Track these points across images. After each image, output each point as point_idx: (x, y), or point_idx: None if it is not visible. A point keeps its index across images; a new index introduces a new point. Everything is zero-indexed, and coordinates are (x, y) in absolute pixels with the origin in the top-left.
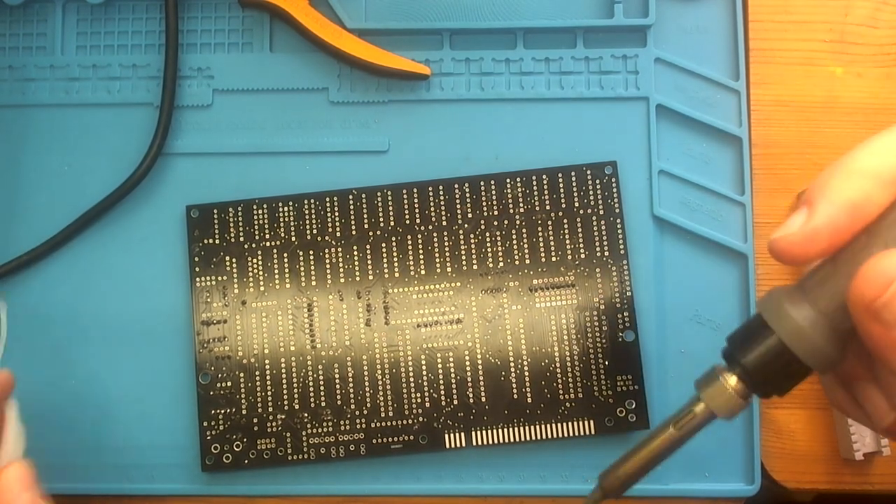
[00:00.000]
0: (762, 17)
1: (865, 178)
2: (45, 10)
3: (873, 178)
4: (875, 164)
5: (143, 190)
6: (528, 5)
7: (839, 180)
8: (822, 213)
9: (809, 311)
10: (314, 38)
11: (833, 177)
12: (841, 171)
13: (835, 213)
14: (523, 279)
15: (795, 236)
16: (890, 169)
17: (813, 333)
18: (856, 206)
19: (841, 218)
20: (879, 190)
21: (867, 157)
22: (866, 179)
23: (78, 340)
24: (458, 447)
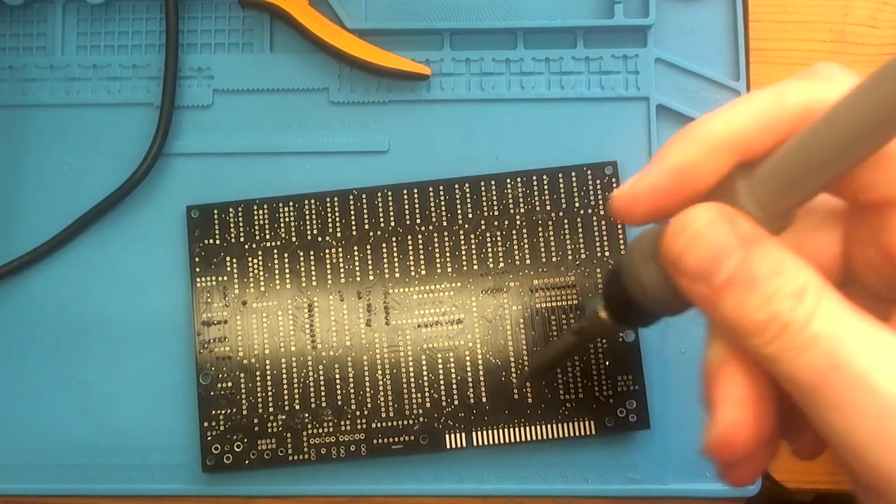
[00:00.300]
0: (762, 17)
1: (696, 144)
2: (45, 10)
3: (704, 144)
4: (709, 131)
5: (143, 190)
6: (528, 5)
7: (674, 145)
8: (648, 175)
9: (653, 270)
10: (314, 38)
11: (670, 143)
12: (678, 136)
13: (659, 175)
14: (524, 279)
15: (623, 196)
16: (724, 136)
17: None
18: (680, 170)
19: (663, 181)
20: (708, 156)
21: (704, 125)
22: (696, 145)
23: (78, 340)
24: (459, 447)
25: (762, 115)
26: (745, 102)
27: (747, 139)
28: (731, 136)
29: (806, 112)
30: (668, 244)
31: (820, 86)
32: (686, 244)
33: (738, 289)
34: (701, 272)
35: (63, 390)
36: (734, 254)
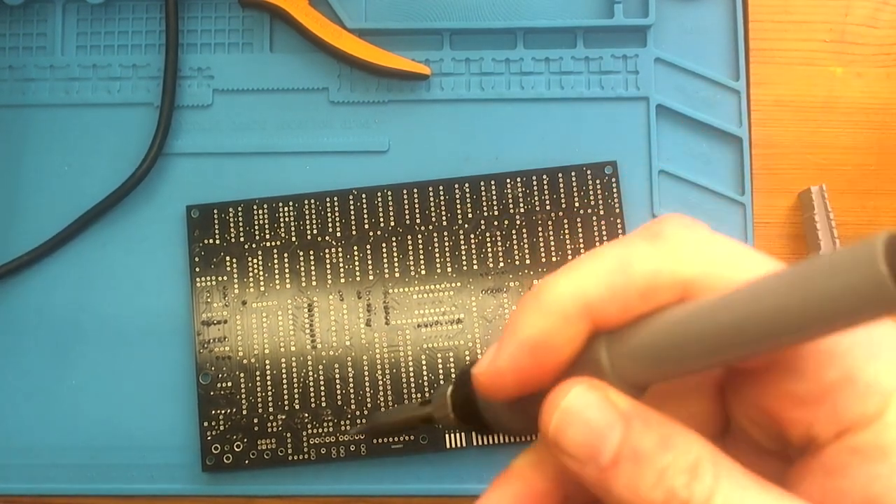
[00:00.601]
0: (762, 17)
1: (544, 315)
2: (45, 10)
3: (553, 315)
4: (559, 298)
5: (143, 190)
6: (528, 5)
7: (525, 315)
8: (505, 352)
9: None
10: (314, 38)
11: (520, 312)
12: (529, 303)
13: (516, 352)
14: (523, 279)
15: (484, 375)
16: (572, 305)
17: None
18: (535, 344)
19: (521, 358)
20: (563, 326)
21: (552, 291)
22: (545, 316)
23: (78, 340)
24: (459, 447)
25: (610, 282)
26: (590, 266)
27: (597, 307)
28: (580, 305)
29: (654, 283)
30: (543, 427)
31: (665, 253)
32: (559, 426)
33: (626, 467)
34: (583, 454)
35: (63, 390)
36: (615, 430)
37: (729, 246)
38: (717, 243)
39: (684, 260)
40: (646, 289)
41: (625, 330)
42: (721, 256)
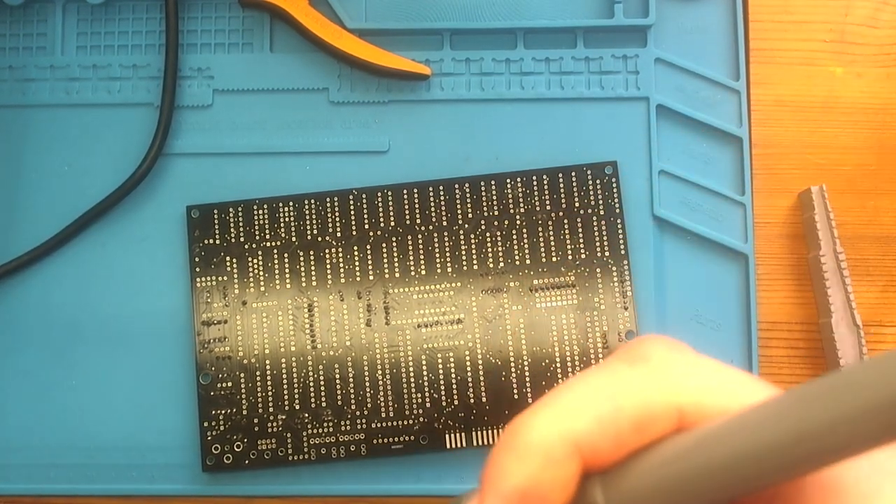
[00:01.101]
0: (762, 17)
1: (532, 459)
2: (45, 10)
3: (542, 457)
4: (542, 437)
5: (143, 190)
6: (528, 5)
7: (505, 461)
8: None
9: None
10: (314, 38)
11: (499, 456)
12: (506, 448)
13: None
14: (523, 279)
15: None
16: (561, 441)
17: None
18: (524, 496)
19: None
20: (551, 470)
21: (533, 429)
22: (533, 460)
23: (78, 340)
24: (459, 447)
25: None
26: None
27: (587, 444)
28: (568, 443)
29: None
30: None
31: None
32: None
33: None
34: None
35: (63, 390)
36: None
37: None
38: (706, 367)
39: (676, 386)
40: (640, 420)
41: (621, 469)
42: (714, 382)
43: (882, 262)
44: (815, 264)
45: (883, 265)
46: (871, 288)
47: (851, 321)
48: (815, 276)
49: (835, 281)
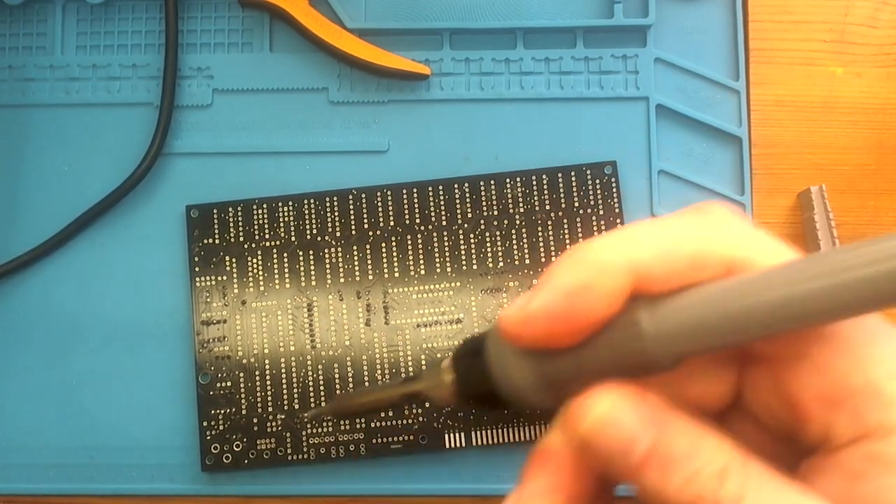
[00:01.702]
0: (762, 17)
1: (591, 267)
2: (45, 10)
3: (600, 267)
4: (604, 252)
5: (143, 190)
6: (528, 5)
7: (566, 265)
8: (540, 298)
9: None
10: (314, 38)
11: (563, 260)
12: (573, 254)
13: (550, 299)
14: (523, 279)
15: (514, 318)
16: (620, 259)
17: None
18: (573, 295)
19: (556, 303)
20: (605, 279)
21: (598, 247)
22: (592, 267)
23: (78, 340)
24: (458, 447)
25: (660, 247)
26: (640, 230)
27: (644, 270)
28: (626, 262)
29: (703, 256)
30: (572, 429)
31: (716, 231)
32: (591, 433)
33: (655, 469)
34: (614, 456)
35: (63, 390)
36: (646, 436)
37: (771, 239)
38: (761, 233)
39: (732, 241)
40: (695, 260)
41: (668, 299)
42: (765, 245)
43: None
44: None
45: None
46: None
47: None
48: None
49: None
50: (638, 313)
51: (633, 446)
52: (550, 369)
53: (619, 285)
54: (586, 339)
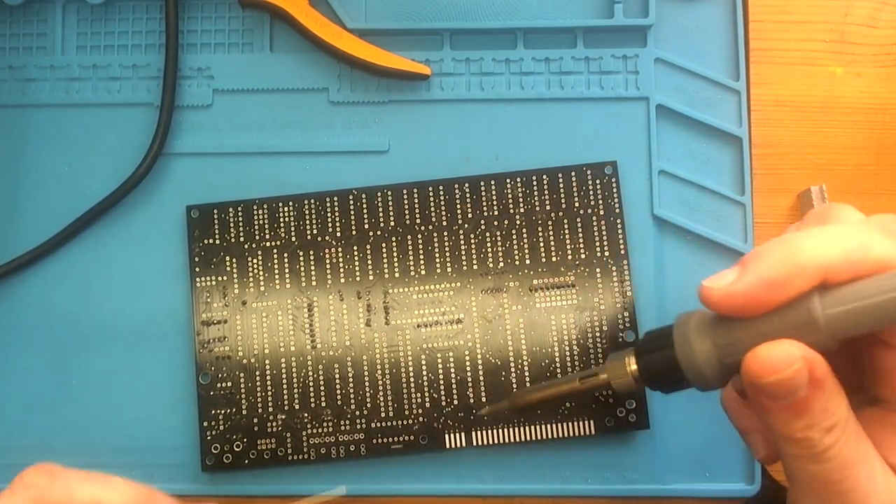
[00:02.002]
0: (762, 17)
1: (790, 265)
2: (45, 10)
3: (798, 267)
4: (806, 255)
5: (143, 190)
6: (528, 5)
7: (771, 258)
8: (745, 281)
9: (708, 346)
10: (314, 38)
11: (768, 253)
12: (777, 249)
13: (754, 284)
14: (523, 279)
15: (719, 291)
16: (814, 263)
17: (702, 364)
18: (774, 284)
19: (758, 290)
20: (799, 278)
21: (803, 248)
22: (791, 266)
23: (78, 340)
24: (459, 447)
25: (850, 255)
26: (835, 236)
27: (832, 271)
28: (820, 265)
29: (885, 264)
30: (756, 373)
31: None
32: (773, 383)
33: (791, 413)
34: (770, 395)
35: (63, 390)
36: (802, 391)
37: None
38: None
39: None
40: (879, 265)
41: (838, 290)
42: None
43: None
44: None
45: None
46: None
47: None
48: None
49: None
50: (813, 301)
51: (790, 395)
52: (726, 340)
53: (809, 283)
54: (766, 316)
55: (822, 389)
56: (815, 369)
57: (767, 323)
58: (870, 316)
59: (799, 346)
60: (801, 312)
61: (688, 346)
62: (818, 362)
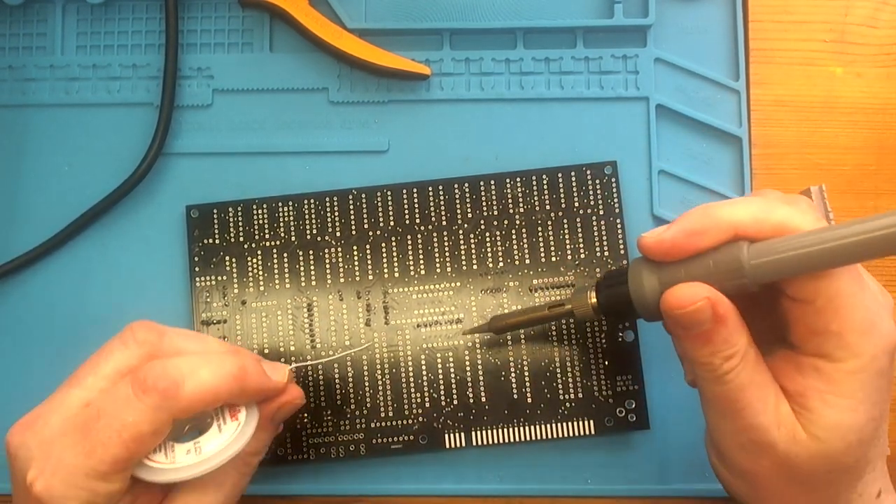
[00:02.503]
0: (762, 17)
1: (708, 220)
2: (45, 10)
3: (714, 221)
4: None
5: (143, 190)
6: (528, 5)
7: (693, 215)
8: (671, 231)
9: (654, 283)
10: (314, 38)
11: (692, 212)
12: (699, 210)
13: (678, 232)
14: (523, 279)
15: (651, 238)
16: (727, 219)
17: (648, 297)
18: (693, 234)
19: (680, 237)
20: (715, 230)
21: (718, 207)
22: (708, 221)
23: (78, 340)
24: (458, 447)
25: (756, 215)
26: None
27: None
28: (731, 221)
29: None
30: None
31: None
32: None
33: (699, 342)
34: (682, 325)
35: None
36: (707, 324)
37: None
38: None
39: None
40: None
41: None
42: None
43: (882, 262)
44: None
45: (883, 265)
46: None
47: None
48: None
49: None
50: (741, 248)
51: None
52: (668, 277)
53: (724, 234)
54: (695, 257)
55: (724, 324)
56: (718, 307)
57: (703, 267)
58: (784, 266)
59: (706, 288)
60: (731, 260)
61: (639, 283)
62: (722, 302)
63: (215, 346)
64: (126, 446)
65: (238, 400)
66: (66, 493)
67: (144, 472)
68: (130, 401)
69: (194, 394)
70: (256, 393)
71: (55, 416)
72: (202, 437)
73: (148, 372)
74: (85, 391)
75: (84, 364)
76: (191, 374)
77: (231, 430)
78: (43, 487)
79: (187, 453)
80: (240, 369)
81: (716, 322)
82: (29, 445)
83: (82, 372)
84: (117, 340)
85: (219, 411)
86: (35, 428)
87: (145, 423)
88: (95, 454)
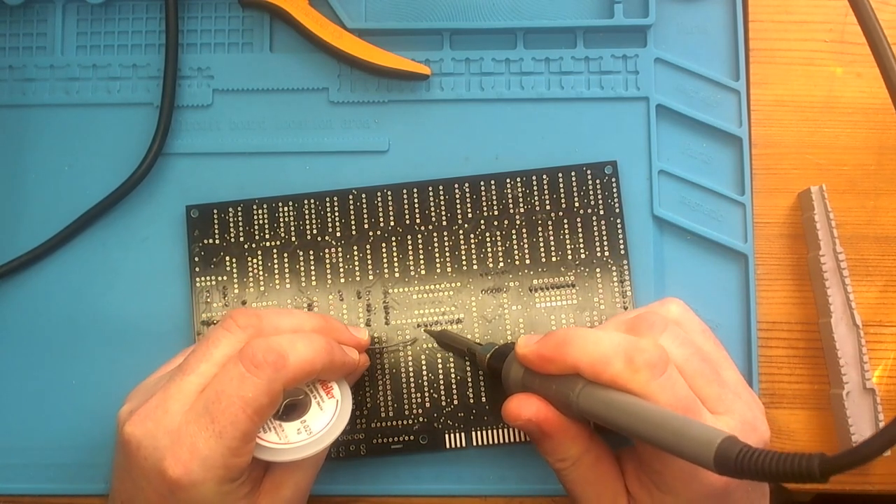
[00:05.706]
0: (762, 17)
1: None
2: (45, 10)
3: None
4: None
5: (143, 190)
6: (528, 5)
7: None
8: (533, 349)
9: (518, 376)
10: (314, 38)
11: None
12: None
13: (536, 353)
14: (523, 279)
15: (521, 349)
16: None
17: (512, 387)
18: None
19: (536, 359)
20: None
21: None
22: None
23: (78, 340)
24: (459, 447)
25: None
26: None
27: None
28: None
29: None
30: (505, 415)
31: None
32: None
33: (537, 442)
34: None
35: (63, 390)
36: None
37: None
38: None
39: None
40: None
41: (595, 389)
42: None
43: (882, 262)
44: (814, 264)
45: (883, 265)
46: (870, 288)
47: (851, 321)
48: (814, 276)
49: (834, 281)
50: (576, 383)
51: (531, 434)
52: (527, 379)
53: (564, 369)
54: (548, 377)
55: (550, 439)
56: (543, 425)
57: (547, 386)
58: (601, 416)
59: (535, 406)
60: (565, 393)
61: (507, 372)
62: (548, 421)
63: (305, 318)
64: (252, 420)
65: (329, 373)
66: (206, 476)
67: (266, 454)
68: (246, 378)
69: (298, 364)
70: (342, 365)
71: (175, 405)
72: (307, 416)
73: (256, 349)
74: (200, 377)
75: (192, 354)
76: (290, 347)
77: (332, 408)
78: (183, 472)
79: (298, 433)
80: (328, 342)
81: (542, 435)
82: (155, 435)
83: (193, 360)
84: (220, 328)
85: (313, 389)
86: (156, 417)
87: (264, 395)
88: (227, 433)
